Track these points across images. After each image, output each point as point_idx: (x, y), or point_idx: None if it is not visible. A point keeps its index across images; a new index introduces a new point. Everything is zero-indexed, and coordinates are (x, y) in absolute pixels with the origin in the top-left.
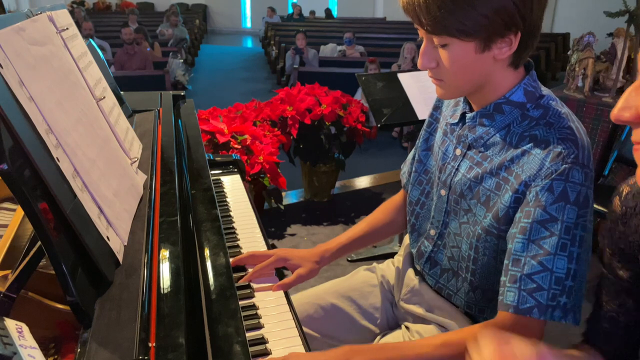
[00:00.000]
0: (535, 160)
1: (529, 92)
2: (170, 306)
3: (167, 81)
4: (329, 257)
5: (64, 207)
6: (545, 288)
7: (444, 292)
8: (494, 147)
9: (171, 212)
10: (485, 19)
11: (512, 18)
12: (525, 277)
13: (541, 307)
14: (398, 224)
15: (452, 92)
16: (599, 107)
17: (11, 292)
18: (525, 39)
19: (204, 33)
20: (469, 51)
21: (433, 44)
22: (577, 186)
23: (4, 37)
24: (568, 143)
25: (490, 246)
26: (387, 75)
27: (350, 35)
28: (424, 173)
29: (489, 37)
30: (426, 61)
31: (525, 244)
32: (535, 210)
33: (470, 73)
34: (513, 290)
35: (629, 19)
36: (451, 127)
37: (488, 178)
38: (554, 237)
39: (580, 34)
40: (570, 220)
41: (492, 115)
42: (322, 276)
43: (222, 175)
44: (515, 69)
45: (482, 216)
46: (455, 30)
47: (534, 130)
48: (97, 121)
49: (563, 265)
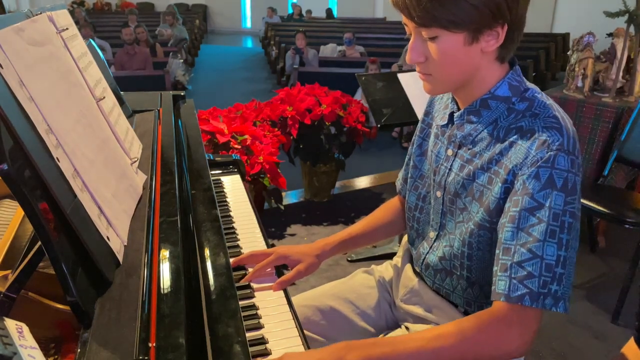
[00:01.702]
0: (522, 150)
1: (514, 87)
2: (170, 306)
3: (167, 81)
4: (329, 252)
5: (64, 207)
6: (536, 275)
7: (442, 292)
8: (482, 142)
9: (171, 212)
10: (474, 9)
11: (500, 9)
12: (515, 264)
13: (532, 295)
14: (398, 225)
15: (440, 86)
16: (598, 107)
17: (11, 292)
18: (511, 32)
19: (204, 33)
20: (457, 43)
21: (422, 38)
22: (563, 172)
23: (4, 37)
24: (552, 131)
25: (484, 240)
26: (387, 75)
27: (350, 35)
28: (420, 178)
29: (477, 29)
30: (415, 55)
31: (515, 232)
32: (522, 198)
33: (458, 66)
34: (504, 279)
35: (629, 19)
36: (441, 129)
37: (480, 174)
38: (543, 224)
39: (580, 34)
40: (558, 206)
41: (478, 111)
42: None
43: (222, 175)
44: (501, 63)
45: (475, 212)
46: (445, 21)
47: (520, 122)
48: (97, 121)
49: (552, 252)
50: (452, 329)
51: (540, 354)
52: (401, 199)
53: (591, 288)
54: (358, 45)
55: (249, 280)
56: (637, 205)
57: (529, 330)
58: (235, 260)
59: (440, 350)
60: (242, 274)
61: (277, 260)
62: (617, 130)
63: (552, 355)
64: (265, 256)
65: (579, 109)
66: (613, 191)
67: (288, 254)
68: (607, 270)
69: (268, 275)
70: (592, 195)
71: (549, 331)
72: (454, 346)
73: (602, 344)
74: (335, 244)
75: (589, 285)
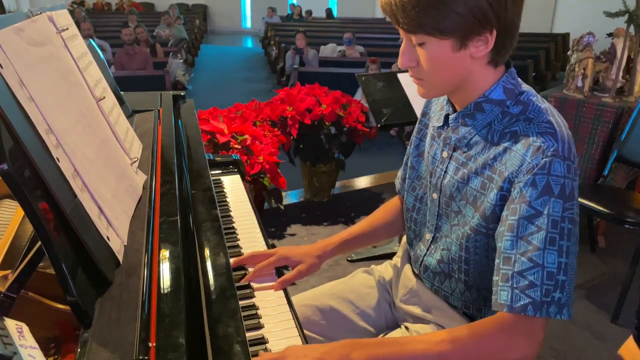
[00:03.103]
0: (517, 156)
1: (508, 90)
2: (170, 306)
3: (167, 81)
4: (329, 252)
5: (64, 207)
6: (538, 284)
7: (441, 294)
8: (476, 146)
9: (171, 212)
10: (459, 17)
11: (486, 16)
12: (516, 274)
13: (535, 304)
14: (398, 225)
15: (433, 91)
16: (598, 107)
17: (11, 292)
18: (501, 37)
19: (204, 33)
20: (445, 49)
21: (412, 43)
22: (560, 179)
23: (4, 37)
24: (547, 137)
25: (480, 245)
26: (387, 75)
27: (350, 35)
28: (417, 179)
29: (465, 36)
30: (406, 60)
31: (514, 241)
32: (520, 206)
33: (447, 71)
34: (506, 289)
35: (629, 19)
36: (437, 130)
37: (474, 178)
38: (542, 231)
39: (580, 34)
40: (557, 213)
41: (473, 114)
42: (322, 276)
43: (222, 175)
44: (495, 67)
45: (470, 216)
46: (431, 29)
47: (513, 126)
48: (97, 121)
49: (553, 259)
50: (456, 334)
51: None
52: (401, 198)
53: (591, 288)
54: (358, 45)
55: (249, 281)
56: (637, 205)
57: (535, 339)
58: (235, 260)
59: (445, 355)
60: (242, 274)
61: (279, 262)
62: (617, 130)
63: (552, 355)
64: (267, 257)
65: (579, 109)
66: (613, 191)
67: (289, 255)
68: (607, 270)
69: (268, 275)
70: (592, 195)
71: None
72: (458, 352)
73: (602, 344)
74: (336, 245)
75: (589, 285)
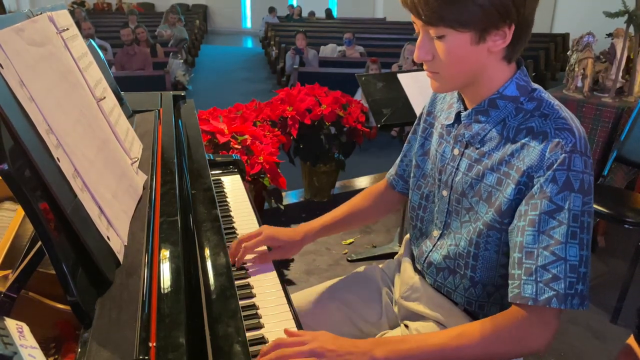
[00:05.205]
0: (535, 152)
1: (521, 86)
2: (170, 306)
3: (168, 81)
4: (312, 236)
5: (64, 207)
6: (562, 277)
7: (444, 290)
8: (491, 142)
9: (171, 212)
10: (481, 9)
11: (507, 10)
12: (540, 268)
13: (559, 296)
14: (377, 210)
15: (447, 84)
16: (598, 107)
17: (11, 292)
18: (518, 32)
19: (204, 33)
20: (464, 42)
21: (429, 37)
22: (579, 174)
23: (4, 38)
24: (565, 132)
25: (492, 240)
26: (387, 75)
27: (350, 35)
28: (423, 177)
29: (484, 29)
30: (423, 54)
31: (536, 235)
32: (541, 202)
33: (464, 64)
34: (530, 283)
35: (629, 19)
36: (447, 128)
37: (489, 174)
38: (563, 226)
39: (580, 34)
40: (577, 208)
41: (487, 111)
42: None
43: (222, 175)
44: (508, 63)
45: (484, 212)
46: (452, 21)
47: (529, 122)
48: (97, 121)
49: (575, 252)
50: (474, 328)
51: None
52: (390, 190)
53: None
54: (358, 46)
55: (242, 262)
56: (636, 205)
57: (551, 328)
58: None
59: (463, 348)
60: (242, 273)
61: (266, 241)
62: (616, 130)
63: (552, 355)
64: (254, 237)
65: (579, 109)
66: (613, 191)
67: (276, 236)
68: (607, 270)
69: (268, 269)
70: None
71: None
72: (476, 345)
73: (602, 344)
74: (318, 229)
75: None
